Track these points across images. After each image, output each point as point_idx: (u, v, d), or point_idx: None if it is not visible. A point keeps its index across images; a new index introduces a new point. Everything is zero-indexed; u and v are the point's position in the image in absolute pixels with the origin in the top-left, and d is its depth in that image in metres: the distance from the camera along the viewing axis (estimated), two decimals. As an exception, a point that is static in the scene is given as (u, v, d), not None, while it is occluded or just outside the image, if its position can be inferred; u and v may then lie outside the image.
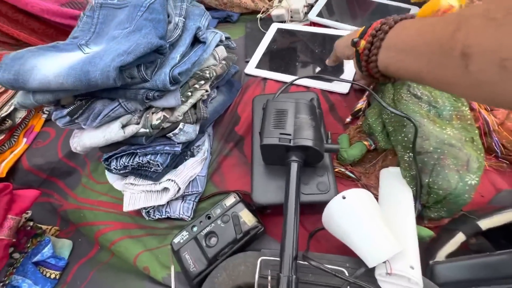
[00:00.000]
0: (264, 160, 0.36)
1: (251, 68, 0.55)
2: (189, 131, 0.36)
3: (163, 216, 0.38)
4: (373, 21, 0.32)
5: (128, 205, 0.37)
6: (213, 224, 0.34)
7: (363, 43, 0.32)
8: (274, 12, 0.66)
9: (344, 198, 0.29)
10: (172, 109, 0.36)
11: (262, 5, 0.71)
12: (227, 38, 0.55)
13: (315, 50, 0.56)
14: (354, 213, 0.28)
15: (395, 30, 0.29)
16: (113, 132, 0.32)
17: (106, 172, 0.40)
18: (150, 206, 0.38)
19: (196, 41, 0.40)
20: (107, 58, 0.27)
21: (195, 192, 0.39)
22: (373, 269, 0.27)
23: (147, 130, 0.33)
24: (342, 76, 0.50)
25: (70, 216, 0.46)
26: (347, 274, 0.27)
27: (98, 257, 0.43)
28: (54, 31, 0.53)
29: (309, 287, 0.27)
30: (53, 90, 0.29)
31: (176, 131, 0.35)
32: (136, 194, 0.37)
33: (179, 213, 0.38)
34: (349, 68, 0.50)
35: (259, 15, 0.69)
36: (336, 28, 0.60)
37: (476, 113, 0.37)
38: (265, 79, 0.55)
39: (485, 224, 0.27)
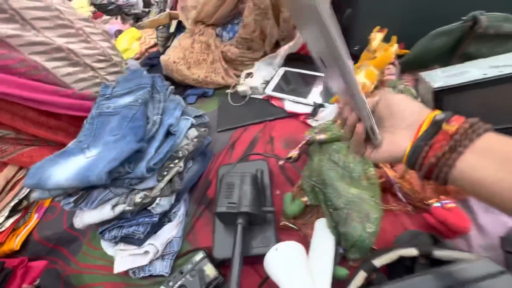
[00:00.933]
0: (222, 222, 0.46)
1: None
2: (164, 204, 0.47)
3: (146, 274, 0.47)
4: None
5: (118, 267, 0.46)
6: (183, 278, 0.43)
7: (454, 126, 0.23)
8: (240, 88, 0.82)
9: (276, 250, 0.39)
10: (151, 188, 0.48)
11: (231, 81, 0.88)
12: (200, 116, 0.69)
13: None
14: (282, 262, 0.38)
15: (493, 136, 0.23)
16: (105, 213, 0.43)
17: (101, 240, 0.50)
18: (136, 267, 0.47)
19: (170, 133, 0.54)
20: (100, 165, 0.40)
21: (172, 251, 0.49)
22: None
23: (131, 208, 0.45)
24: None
25: (72, 280, 0.55)
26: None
27: (94, 315, 0.51)
28: (66, 125, 0.68)
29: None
30: (65, 188, 0.41)
31: (154, 205, 0.47)
32: (125, 258, 0.47)
33: (159, 270, 0.47)
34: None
35: (228, 91, 0.85)
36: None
37: (381, 171, 0.48)
38: (232, 147, 0.68)
39: (378, 262, 0.37)
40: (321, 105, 0.68)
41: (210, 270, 0.44)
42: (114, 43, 0.81)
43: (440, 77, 0.51)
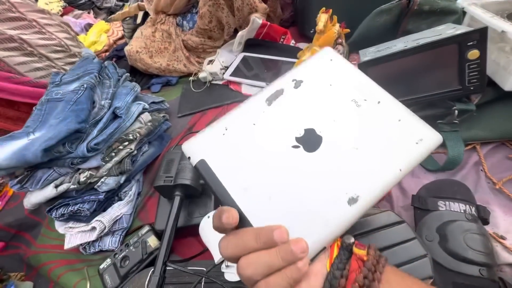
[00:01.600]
0: (163, 196, 0.49)
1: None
2: (109, 182, 0.50)
3: (96, 250, 0.50)
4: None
5: (68, 244, 0.49)
6: (127, 250, 0.46)
7: (364, 250, 0.21)
8: (201, 75, 0.83)
9: (208, 217, 0.42)
10: (98, 168, 0.50)
11: (194, 68, 0.89)
12: (159, 102, 0.71)
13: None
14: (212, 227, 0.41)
15: (390, 267, 0.21)
16: (48, 191, 0.45)
17: (55, 221, 0.53)
18: (86, 242, 0.50)
19: (117, 116, 0.56)
20: (37, 144, 0.42)
21: (121, 227, 0.51)
22: (220, 265, 0.38)
23: (76, 186, 0.47)
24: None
25: (32, 261, 0.57)
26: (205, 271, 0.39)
27: (52, 292, 0.53)
28: (26, 115, 0.69)
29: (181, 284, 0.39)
30: (4, 168, 0.43)
31: (99, 183, 0.49)
32: (74, 235, 0.49)
33: (109, 246, 0.50)
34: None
35: (191, 78, 0.86)
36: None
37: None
38: (190, 130, 0.70)
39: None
40: (273, 87, 0.70)
41: (152, 241, 0.46)
42: (74, 34, 0.82)
43: (370, 52, 0.53)
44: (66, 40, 0.76)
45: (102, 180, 0.49)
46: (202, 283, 0.37)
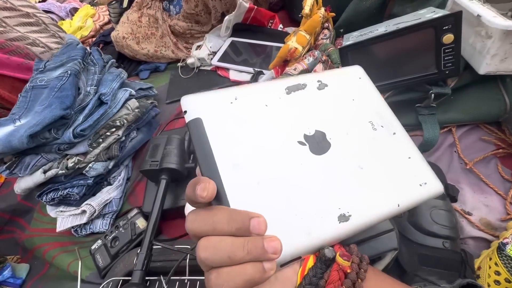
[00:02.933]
0: (150, 180, 0.50)
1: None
2: (97, 167, 0.51)
3: (88, 232, 0.52)
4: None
5: (60, 227, 0.51)
6: (117, 231, 0.48)
7: (348, 262, 0.20)
8: (189, 60, 0.83)
9: (193, 199, 0.44)
10: (85, 153, 0.51)
11: (182, 54, 0.89)
12: (146, 88, 0.71)
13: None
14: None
15: (372, 270, 0.22)
16: (37, 176, 0.46)
17: (46, 206, 0.54)
18: (77, 225, 0.51)
19: (103, 102, 0.56)
20: (22, 130, 0.42)
21: (111, 211, 0.53)
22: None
23: (64, 171, 0.48)
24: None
25: (26, 244, 0.59)
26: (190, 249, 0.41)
27: (48, 273, 0.56)
28: None
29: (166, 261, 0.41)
30: (-8, 154, 0.44)
31: (87, 168, 0.50)
32: (65, 218, 0.51)
33: (99, 228, 0.52)
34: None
35: (179, 64, 0.86)
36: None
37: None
38: (177, 118, 0.71)
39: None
40: (261, 72, 0.71)
41: (141, 223, 0.48)
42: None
43: (354, 37, 0.54)
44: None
45: (90, 165, 0.50)
46: (187, 260, 0.40)
